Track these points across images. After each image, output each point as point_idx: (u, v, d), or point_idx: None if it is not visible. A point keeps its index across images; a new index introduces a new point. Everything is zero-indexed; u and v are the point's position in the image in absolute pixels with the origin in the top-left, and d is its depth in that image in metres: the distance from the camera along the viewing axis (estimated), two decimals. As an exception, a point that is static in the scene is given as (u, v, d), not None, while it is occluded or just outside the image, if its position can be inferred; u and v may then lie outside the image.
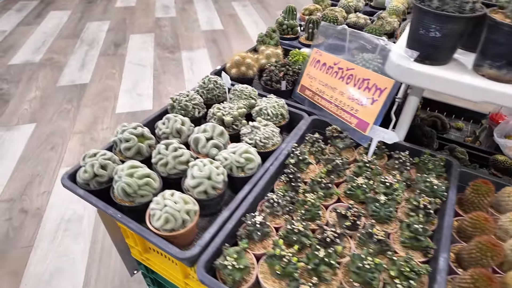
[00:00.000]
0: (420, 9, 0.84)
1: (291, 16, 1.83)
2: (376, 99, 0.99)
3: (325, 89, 1.18)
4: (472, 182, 0.92)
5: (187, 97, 1.17)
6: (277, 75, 1.35)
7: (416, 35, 0.89)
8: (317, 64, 1.23)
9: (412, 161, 1.01)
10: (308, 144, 1.10)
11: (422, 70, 0.90)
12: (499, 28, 0.78)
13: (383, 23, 1.87)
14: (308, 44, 1.77)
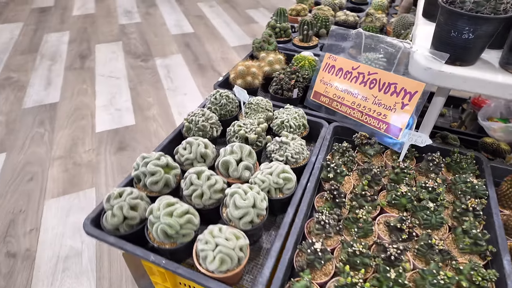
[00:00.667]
0: (452, 11, 0.83)
1: (283, 19, 1.79)
2: (407, 103, 0.98)
3: (345, 95, 1.15)
4: (508, 177, 0.93)
5: (203, 117, 1.09)
6: (287, 83, 1.30)
7: (446, 38, 0.88)
8: (331, 69, 1.20)
9: (444, 161, 1.01)
10: (337, 153, 1.07)
11: (453, 71, 0.89)
12: (533, 26, 0.78)
13: (372, 19, 1.88)
14: (304, 46, 1.74)
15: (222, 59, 3.41)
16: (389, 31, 1.87)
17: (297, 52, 1.74)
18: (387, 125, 1.03)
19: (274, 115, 1.17)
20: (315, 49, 1.75)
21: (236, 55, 3.48)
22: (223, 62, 3.35)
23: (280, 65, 1.47)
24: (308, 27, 1.68)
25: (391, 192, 0.92)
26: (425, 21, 1.19)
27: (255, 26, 4.15)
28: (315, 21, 1.78)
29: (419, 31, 1.12)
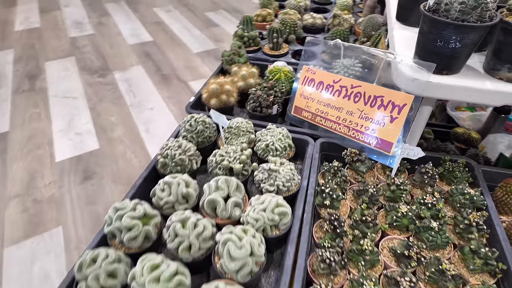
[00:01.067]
0: (437, 21, 0.79)
1: (250, 27, 1.70)
2: (396, 116, 0.93)
3: (328, 109, 1.09)
4: (502, 183, 0.92)
5: (180, 149, 0.98)
6: (266, 100, 1.21)
7: (432, 47, 0.84)
8: (311, 82, 1.13)
9: (437, 171, 0.98)
10: (328, 173, 1.01)
11: (441, 81, 0.85)
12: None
13: (340, 21, 1.84)
14: (275, 54, 1.66)
15: (186, 68, 3.26)
16: (358, 32, 1.85)
17: (268, 61, 1.66)
18: (377, 140, 0.98)
19: (257, 137, 1.09)
20: (286, 56, 1.68)
21: (201, 62, 3.34)
22: (188, 71, 3.20)
23: (254, 79, 1.38)
24: (277, 35, 1.61)
25: (391, 213, 0.87)
26: (400, 25, 1.16)
27: (216, 29, 4.02)
28: (283, 27, 1.71)
29: (397, 37, 1.08)
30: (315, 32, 1.90)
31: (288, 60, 1.65)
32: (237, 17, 4.34)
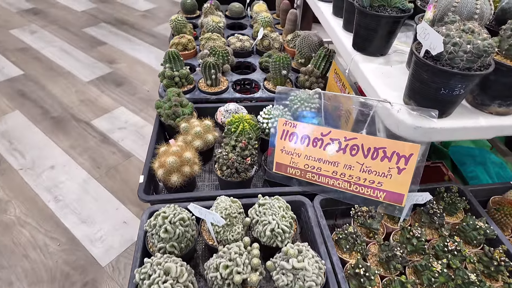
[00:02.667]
0: (444, 71, 0.73)
1: (179, 63, 1.42)
2: (403, 167, 0.87)
3: (321, 164, 0.96)
4: (495, 203, 0.96)
5: (165, 276, 0.71)
6: (243, 163, 1.01)
7: (434, 95, 0.78)
8: (292, 136, 0.98)
9: (440, 207, 0.97)
10: (344, 241, 0.89)
11: (444, 126, 0.82)
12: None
13: (269, 41, 1.72)
14: (215, 92, 1.44)
15: (82, 103, 2.69)
16: (289, 51, 1.76)
17: (209, 100, 1.43)
18: (386, 193, 0.90)
19: (252, 218, 0.89)
20: (228, 92, 1.47)
21: (98, 91, 2.80)
22: (86, 106, 2.64)
23: (212, 134, 1.15)
24: (216, 70, 1.39)
25: (426, 274, 0.81)
26: (362, 56, 1.10)
27: (105, 48, 3.44)
28: (216, 58, 1.49)
29: (368, 73, 1.01)
30: (245, 56, 1.74)
31: (231, 96, 1.46)
32: (124, 30, 3.80)
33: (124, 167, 2.13)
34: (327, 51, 1.47)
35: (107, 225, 1.78)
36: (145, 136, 2.36)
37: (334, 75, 1.31)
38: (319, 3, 1.48)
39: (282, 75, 1.45)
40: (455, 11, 0.84)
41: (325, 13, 1.40)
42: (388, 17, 0.98)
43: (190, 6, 2.05)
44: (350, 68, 1.13)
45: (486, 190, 1.06)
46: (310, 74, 1.48)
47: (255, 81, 1.59)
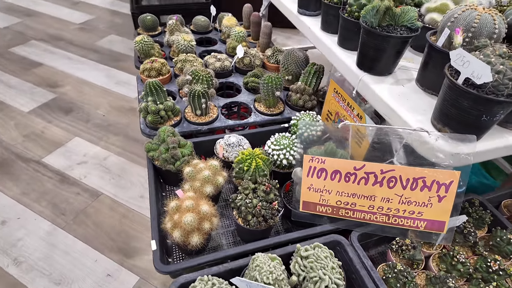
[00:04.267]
0: (489, 99, 0.70)
1: (162, 95, 1.24)
2: (444, 195, 0.84)
3: (355, 200, 0.90)
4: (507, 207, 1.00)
5: None
6: (269, 208, 0.91)
7: (474, 122, 0.76)
8: (320, 173, 0.90)
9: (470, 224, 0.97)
10: (395, 280, 0.84)
11: (481, 149, 0.82)
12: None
13: (250, 59, 1.62)
14: (205, 122, 1.30)
15: (26, 138, 2.31)
16: (270, 66, 1.67)
17: (202, 132, 1.30)
18: (427, 222, 0.87)
19: (297, 274, 0.79)
20: (219, 120, 1.34)
21: (44, 122, 2.44)
22: (32, 142, 2.28)
23: (221, 176, 1.02)
24: (206, 99, 1.25)
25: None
26: (371, 77, 1.06)
27: (42, 70, 3.01)
28: (200, 83, 1.35)
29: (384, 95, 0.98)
30: (226, 76, 1.61)
31: (224, 124, 1.33)
32: (61, 47, 3.37)
33: (94, 208, 1.87)
34: (318, 67, 1.42)
35: (89, 282, 1.54)
36: (110, 169, 2.11)
37: (333, 93, 1.26)
38: (302, 17, 1.42)
39: (276, 97, 1.37)
40: (475, 31, 0.83)
41: (312, 29, 1.34)
42: (398, 37, 0.95)
43: (151, 23, 1.86)
44: (358, 89, 1.09)
45: (497, 196, 1.10)
46: (303, 92, 1.42)
47: (243, 103, 1.48)
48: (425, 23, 1.10)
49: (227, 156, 1.15)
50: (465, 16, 0.84)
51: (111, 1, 4.53)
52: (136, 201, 1.91)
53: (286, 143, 1.11)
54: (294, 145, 1.11)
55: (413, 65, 1.12)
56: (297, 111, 1.43)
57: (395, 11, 0.95)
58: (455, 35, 0.78)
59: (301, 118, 1.23)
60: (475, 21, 0.82)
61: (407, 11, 0.96)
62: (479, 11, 0.84)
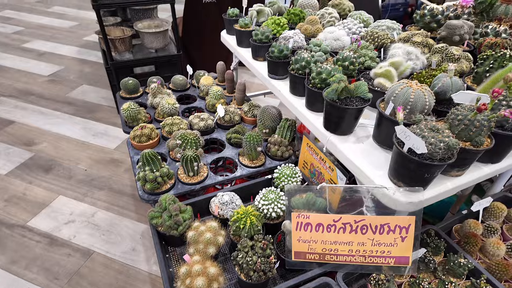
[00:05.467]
0: (427, 164, 0.93)
1: (158, 163, 1.39)
2: (405, 235, 1.05)
3: (337, 246, 1.08)
4: (463, 236, 1.23)
5: None
6: (267, 262, 1.06)
7: (419, 177, 0.99)
8: (307, 227, 1.09)
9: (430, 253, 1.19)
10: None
11: (427, 197, 1.04)
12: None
13: (230, 116, 1.81)
14: (196, 182, 1.45)
15: (8, 202, 2.32)
16: (249, 120, 1.87)
17: (196, 191, 1.44)
18: (395, 258, 1.07)
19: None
20: (210, 178, 1.50)
21: (24, 183, 2.45)
22: (14, 206, 2.29)
23: (221, 235, 1.17)
24: (197, 162, 1.41)
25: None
26: (336, 137, 1.27)
27: (15, 128, 3.00)
28: (190, 146, 1.51)
29: (349, 154, 1.19)
30: (209, 133, 1.78)
31: (214, 181, 1.49)
32: (32, 101, 3.38)
33: (88, 268, 1.91)
34: (290, 122, 1.64)
35: None
36: (99, 225, 2.16)
37: (307, 147, 1.47)
38: (273, 81, 1.64)
39: (258, 152, 1.56)
40: (411, 105, 1.08)
41: (283, 92, 1.56)
42: (354, 108, 1.19)
43: (133, 86, 2.01)
44: (328, 147, 1.30)
45: (450, 223, 1.34)
46: (280, 144, 1.62)
47: (228, 158, 1.65)
48: (374, 86, 1.36)
49: (222, 214, 1.30)
50: (404, 92, 1.09)
51: (77, 49, 4.60)
52: (129, 255, 1.98)
53: (273, 197, 1.29)
54: (280, 198, 1.29)
55: (369, 122, 1.36)
56: (277, 161, 1.63)
57: (350, 87, 1.19)
58: (397, 112, 1.02)
59: (282, 172, 1.42)
60: (411, 98, 1.07)
61: (359, 85, 1.21)
62: (413, 88, 1.09)
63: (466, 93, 1.06)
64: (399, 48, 1.51)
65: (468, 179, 1.12)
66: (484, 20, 1.92)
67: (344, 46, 1.65)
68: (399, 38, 1.70)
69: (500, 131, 1.06)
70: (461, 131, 1.01)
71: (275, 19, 1.83)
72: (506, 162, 1.18)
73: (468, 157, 1.04)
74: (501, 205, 1.36)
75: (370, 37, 1.66)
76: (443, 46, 1.52)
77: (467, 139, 1.02)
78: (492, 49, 1.54)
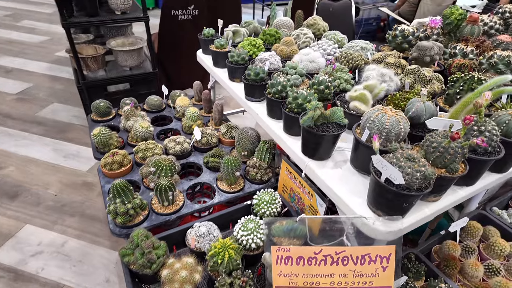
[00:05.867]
0: (405, 194, 0.92)
1: (130, 194, 1.31)
2: (386, 265, 1.03)
3: (319, 279, 1.05)
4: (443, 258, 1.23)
5: None
6: (247, 301, 1.01)
7: (397, 207, 0.98)
8: (287, 260, 1.05)
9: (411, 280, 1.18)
10: None
11: (406, 225, 1.03)
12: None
13: (207, 138, 1.76)
14: (174, 211, 1.39)
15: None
16: (226, 142, 1.83)
17: (171, 222, 1.38)
18: (377, 289, 1.05)
19: None
20: (186, 206, 1.44)
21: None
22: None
23: (198, 272, 1.11)
24: (172, 191, 1.35)
25: None
26: (316, 163, 1.26)
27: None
28: (164, 173, 1.45)
29: (327, 179, 1.18)
30: (186, 157, 1.73)
31: (191, 209, 1.43)
32: (-2, 122, 3.18)
33: (57, 305, 1.78)
34: (269, 144, 1.61)
35: None
36: (70, 255, 2.03)
37: (286, 171, 1.45)
38: (250, 103, 1.61)
39: (236, 177, 1.52)
40: (387, 132, 1.07)
41: (260, 115, 1.53)
42: (331, 135, 1.18)
43: (105, 109, 1.93)
44: (306, 173, 1.28)
45: (429, 244, 1.34)
46: (259, 167, 1.59)
47: (205, 183, 1.60)
48: (350, 110, 1.36)
49: (199, 247, 1.24)
50: (379, 119, 1.09)
51: (48, 65, 4.44)
52: (103, 287, 1.86)
53: (253, 227, 1.24)
54: (260, 227, 1.25)
55: (346, 145, 1.35)
56: (257, 184, 1.59)
57: (326, 113, 1.18)
58: (373, 141, 1.01)
59: (261, 198, 1.38)
60: (386, 125, 1.07)
61: (335, 111, 1.20)
62: (388, 114, 1.09)
63: (439, 120, 1.07)
64: (373, 69, 1.53)
65: (445, 203, 1.12)
66: (452, 40, 1.99)
67: (320, 68, 1.66)
68: (373, 58, 1.72)
69: (473, 156, 1.08)
70: (436, 158, 1.02)
71: (251, 40, 1.82)
72: (480, 183, 1.20)
73: (444, 184, 1.04)
74: (477, 224, 1.37)
75: (345, 58, 1.67)
76: (415, 67, 1.55)
77: (442, 166, 1.02)
78: (461, 70, 1.59)
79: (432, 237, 1.39)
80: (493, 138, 1.08)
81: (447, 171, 1.02)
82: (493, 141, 1.08)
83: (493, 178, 1.24)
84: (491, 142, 1.08)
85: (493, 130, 1.08)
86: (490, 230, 1.39)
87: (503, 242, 1.31)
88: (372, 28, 5.55)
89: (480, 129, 1.08)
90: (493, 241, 1.33)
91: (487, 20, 2.04)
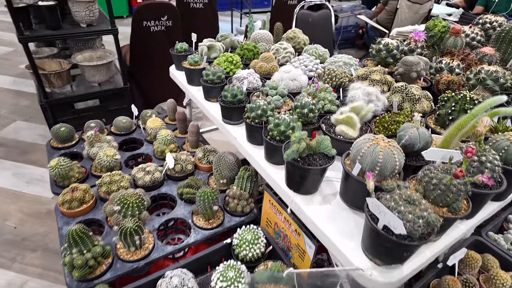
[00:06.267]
0: (407, 244, 0.80)
1: (89, 241, 1.12)
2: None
3: None
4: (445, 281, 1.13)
5: None
6: None
7: (398, 255, 0.85)
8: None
9: None
10: None
11: (406, 273, 0.91)
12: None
13: (182, 166, 1.60)
14: (143, 256, 1.21)
15: None
16: (203, 167, 1.67)
17: (139, 270, 1.20)
18: None
19: None
20: (156, 250, 1.26)
21: None
22: None
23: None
24: (139, 234, 1.17)
25: None
26: (302, 197, 1.12)
27: None
28: (131, 212, 1.27)
29: (314, 217, 1.04)
30: (157, 187, 1.55)
31: (163, 253, 1.26)
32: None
33: None
34: (250, 172, 1.46)
35: None
36: (31, 297, 1.80)
37: (269, 204, 1.30)
38: (227, 126, 1.47)
39: (214, 211, 1.36)
40: (381, 166, 0.95)
41: (239, 140, 1.39)
42: (317, 168, 1.04)
43: (66, 134, 1.72)
44: (292, 208, 1.14)
45: (427, 281, 1.23)
46: (239, 197, 1.44)
47: (180, 218, 1.43)
48: (336, 134, 1.23)
49: (172, 302, 1.07)
50: (371, 151, 0.96)
51: (12, 79, 4.13)
52: (67, 337, 1.64)
53: (233, 275, 1.09)
54: (241, 276, 1.10)
55: (335, 174, 1.22)
56: (237, 217, 1.44)
57: (311, 144, 1.05)
58: (367, 180, 0.89)
59: (243, 237, 1.23)
60: (380, 158, 0.95)
61: (321, 141, 1.07)
62: (381, 145, 0.97)
63: (436, 151, 0.96)
64: (358, 88, 1.42)
65: (446, 242, 1.01)
66: (436, 52, 1.93)
67: (302, 87, 1.54)
68: (357, 75, 1.62)
69: (475, 190, 0.97)
70: (437, 197, 0.90)
71: (228, 56, 1.68)
72: (481, 215, 1.11)
73: (446, 224, 0.93)
74: (475, 255, 1.28)
75: (328, 76, 1.56)
76: (403, 85, 1.46)
77: (443, 205, 0.91)
78: (450, 87, 1.51)
79: (429, 272, 1.28)
80: (495, 169, 0.98)
81: (449, 211, 0.91)
82: (495, 172, 0.98)
83: (493, 207, 1.15)
84: (493, 173, 0.98)
85: (495, 161, 0.98)
86: (489, 260, 1.30)
87: (504, 274, 1.22)
88: (351, 36, 5.55)
89: (480, 160, 0.98)
90: (493, 274, 1.23)
91: (468, 31, 2.00)
